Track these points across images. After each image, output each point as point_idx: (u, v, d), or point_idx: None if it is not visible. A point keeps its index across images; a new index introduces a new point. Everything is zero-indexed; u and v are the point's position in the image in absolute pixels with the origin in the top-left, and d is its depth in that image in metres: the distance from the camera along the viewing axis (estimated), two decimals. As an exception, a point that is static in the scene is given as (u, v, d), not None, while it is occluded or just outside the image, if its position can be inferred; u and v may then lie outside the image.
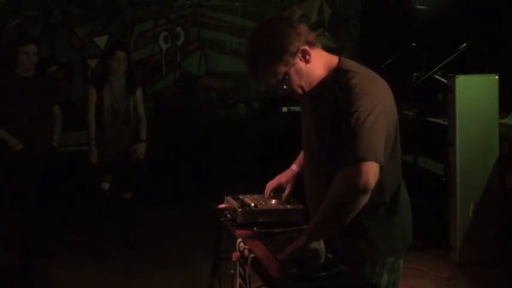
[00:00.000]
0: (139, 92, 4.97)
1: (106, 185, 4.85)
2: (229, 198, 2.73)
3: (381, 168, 1.99)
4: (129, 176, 4.99)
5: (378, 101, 2.03)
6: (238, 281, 2.38)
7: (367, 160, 1.94)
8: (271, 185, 2.72)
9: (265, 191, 2.72)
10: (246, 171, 6.18)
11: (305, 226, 2.50)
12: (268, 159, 6.11)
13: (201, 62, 6.86)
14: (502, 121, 4.61)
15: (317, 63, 2.14)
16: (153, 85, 6.67)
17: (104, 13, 6.40)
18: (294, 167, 2.69)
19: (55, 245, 4.89)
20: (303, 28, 2.12)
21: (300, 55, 2.09)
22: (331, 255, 2.08)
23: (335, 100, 2.07)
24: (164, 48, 6.69)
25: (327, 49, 2.23)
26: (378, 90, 2.09)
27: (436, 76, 4.86)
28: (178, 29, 6.73)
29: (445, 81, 4.61)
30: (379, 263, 2.19)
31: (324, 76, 2.15)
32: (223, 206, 2.72)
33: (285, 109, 6.27)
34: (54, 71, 6.22)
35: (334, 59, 2.18)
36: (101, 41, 6.38)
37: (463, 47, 4.71)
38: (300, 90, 2.17)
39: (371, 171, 1.95)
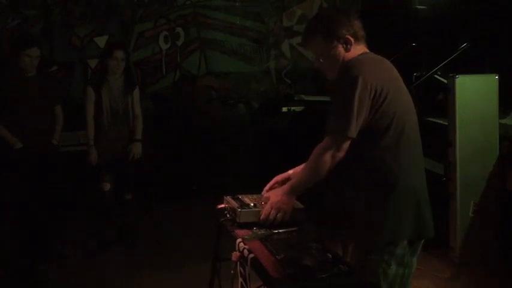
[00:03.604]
0: (136, 92, 4.97)
1: (107, 186, 4.85)
2: (228, 198, 2.72)
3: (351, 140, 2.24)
4: (129, 176, 4.98)
5: (366, 81, 2.22)
6: (240, 280, 2.38)
7: (337, 133, 2.23)
8: (280, 177, 2.71)
9: (270, 183, 2.71)
10: (246, 171, 6.18)
11: (305, 226, 2.50)
12: (268, 159, 6.13)
13: (201, 62, 6.86)
14: (502, 121, 4.60)
15: (353, 55, 2.38)
16: (153, 85, 6.67)
17: (104, 13, 6.40)
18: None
19: (55, 245, 4.88)
20: (357, 24, 2.43)
21: (343, 41, 2.38)
22: (331, 255, 2.08)
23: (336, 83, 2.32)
24: (164, 48, 6.69)
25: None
26: (375, 72, 2.30)
27: (436, 76, 4.85)
28: (178, 29, 6.73)
29: (445, 81, 4.60)
30: (387, 252, 2.23)
31: None
32: (222, 206, 2.71)
33: (285, 109, 6.27)
34: (54, 71, 6.22)
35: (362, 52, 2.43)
36: (101, 41, 6.38)
37: (463, 47, 4.70)
38: (330, 74, 2.43)
39: (342, 143, 2.25)
